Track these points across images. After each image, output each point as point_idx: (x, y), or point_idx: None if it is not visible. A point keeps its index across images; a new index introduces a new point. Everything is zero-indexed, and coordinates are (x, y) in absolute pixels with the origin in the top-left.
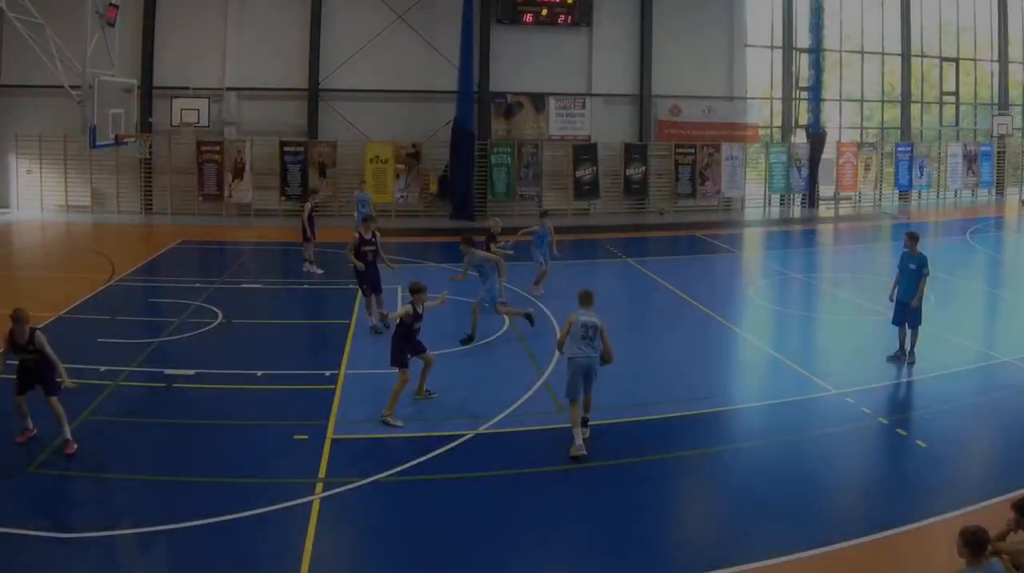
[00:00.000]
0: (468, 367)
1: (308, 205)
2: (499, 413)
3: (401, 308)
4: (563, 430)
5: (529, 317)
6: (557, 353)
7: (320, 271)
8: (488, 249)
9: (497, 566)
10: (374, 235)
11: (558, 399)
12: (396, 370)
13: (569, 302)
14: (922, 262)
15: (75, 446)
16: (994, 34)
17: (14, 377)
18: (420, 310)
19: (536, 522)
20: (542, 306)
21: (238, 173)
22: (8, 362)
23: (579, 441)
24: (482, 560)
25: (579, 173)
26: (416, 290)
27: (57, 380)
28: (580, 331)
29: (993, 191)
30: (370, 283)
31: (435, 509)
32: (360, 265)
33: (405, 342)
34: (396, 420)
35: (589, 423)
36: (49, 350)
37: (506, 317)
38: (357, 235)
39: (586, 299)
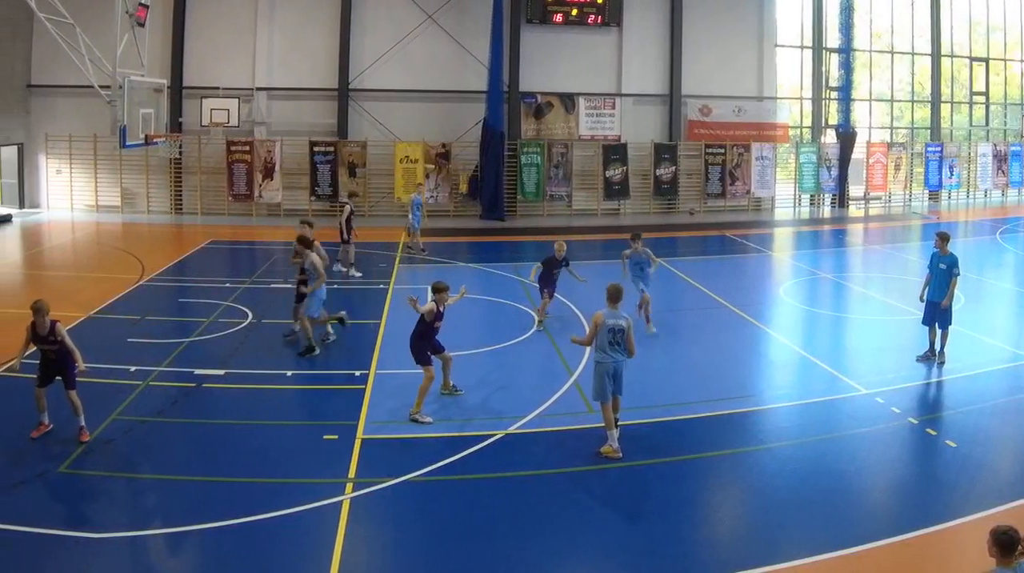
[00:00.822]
0: (498, 367)
1: (348, 207)
2: (529, 413)
3: (425, 306)
4: (593, 430)
5: (342, 320)
6: (588, 348)
7: (359, 274)
8: (550, 275)
9: (527, 566)
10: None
11: (588, 399)
12: (422, 369)
13: (595, 301)
14: (952, 262)
15: (88, 434)
16: None
17: (37, 369)
18: (442, 309)
19: (566, 522)
20: (573, 307)
21: (268, 173)
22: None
23: (615, 443)
24: (512, 560)
25: (609, 173)
26: (439, 289)
27: (75, 369)
28: (608, 337)
29: (1023, 191)
30: None
31: (465, 509)
32: None
33: (424, 341)
34: (424, 417)
35: (619, 424)
36: (69, 340)
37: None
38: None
39: (615, 296)
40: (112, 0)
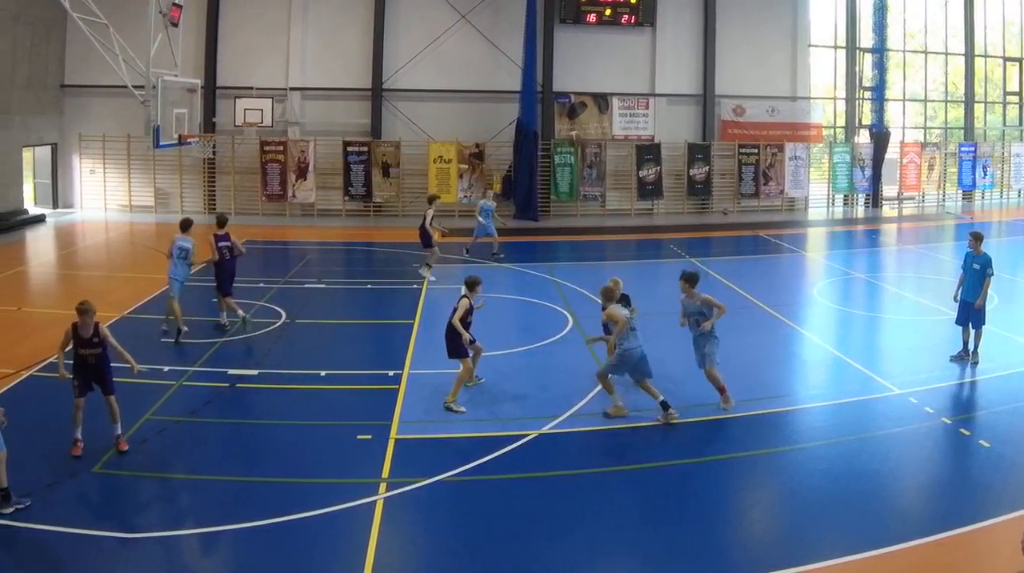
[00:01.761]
0: (531, 367)
1: (430, 212)
2: (562, 413)
3: (460, 303)
4: (626, 430)
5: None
6: (609, 355)
7: (434, 279)
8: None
9: (560, 566)
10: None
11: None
12: (458, 360)
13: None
14: (986, 262)
15: (126, 444)
16: None
17: (72, 379)
18: (475, 304)
19: (599, 522)
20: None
21: (301, 173)
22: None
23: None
24: (545, 561)
25: (642, 173)
26: (472, 284)
27: (112, 373)
28: (631, 324)
29: None
30: None
31: (498, 509)
32: None
33: (459, 334)
34: (459, 406)
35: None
36: (114, 340)
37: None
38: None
39: (618, 295)
40: (145, 0)
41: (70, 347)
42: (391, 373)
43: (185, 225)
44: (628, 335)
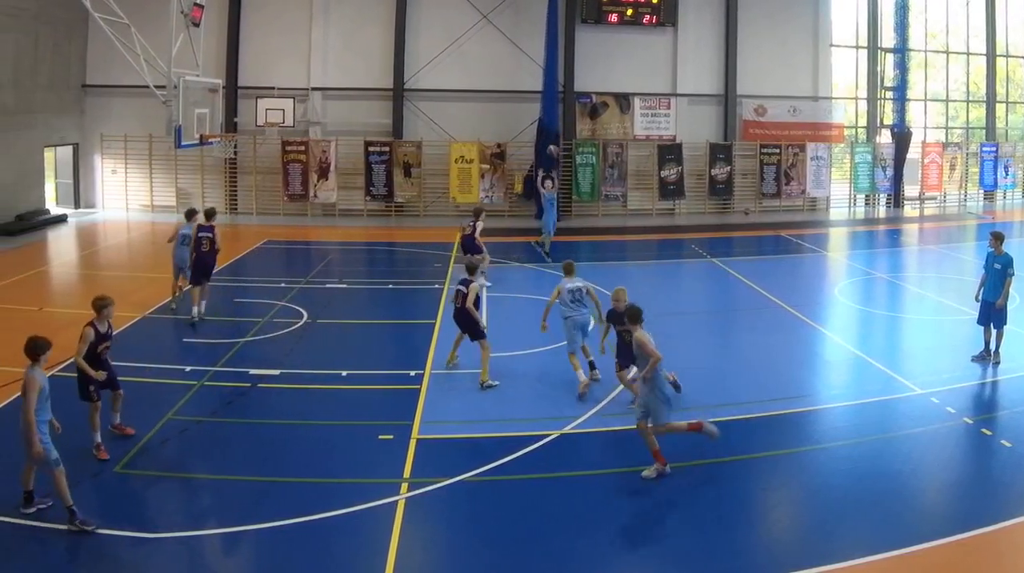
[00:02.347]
0: (552, 367)
1: (480, 224)
2: (584, 413)
3: (472, 287)
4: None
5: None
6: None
7: (489, 284)
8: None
9: (582, 566)
10: None
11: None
12: (480, 343)
13: (650, 301)
14: (1007, 262)
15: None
16: None
17: (91, 382)
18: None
19: (621, 522)
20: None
21: (323, 173)
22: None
23: (584, 378)
24: (567, 561)
25: (664, 173)
26: (471, 269)
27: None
28: (568, 297)
29: None
30: None
31: (519, 509)
32: None
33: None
34: (493, 380)
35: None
36: None
37: None
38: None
39: (569, 269)
40: (167, 0)
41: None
42: (412, 373)
43: (189, 214)
44: (566, 304)
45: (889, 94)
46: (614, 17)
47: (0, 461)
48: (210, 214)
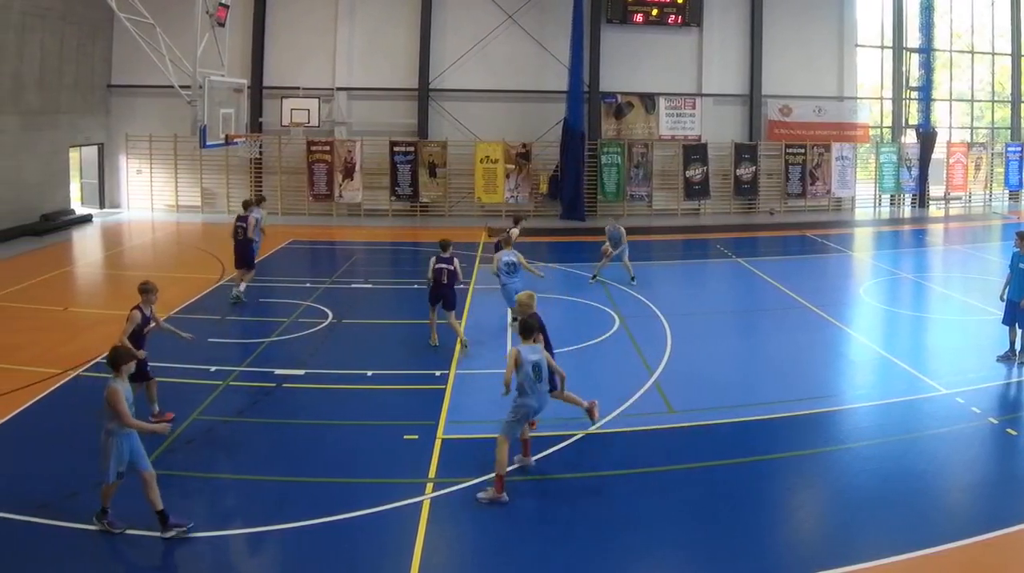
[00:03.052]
0: (578, 367)
1: (516, 230)
2: (609, 413)
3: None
4: (674, 430)
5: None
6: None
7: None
8: None
9: (607, 567)
10: None
11: (668, 400)
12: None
13: (675, 301)
14: None
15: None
16: None
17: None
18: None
19: (646, 522)
20: (653, 307)
21: (348, 173)
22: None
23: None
24: (592, 561)
25: (689, 173)
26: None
27: (184, 336)
28: (504, 268)
29: None
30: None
31: (545, 509)
32: None
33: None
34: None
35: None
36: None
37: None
38: None
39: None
40: (192, 0)
41: None
42: (438, 373)
43: (259, 200)
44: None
45: (914, 94)
46: (639, 17)
47: (27, 461)
48: (246, 204)
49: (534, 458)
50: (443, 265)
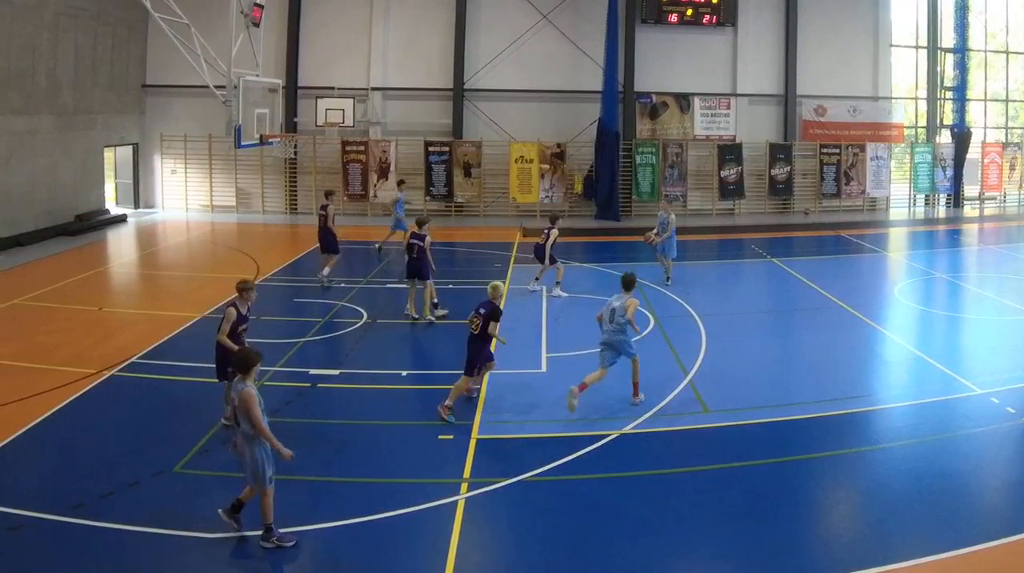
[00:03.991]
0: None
1: (554, 231)
2: (644, 413)
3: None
4: (709, 430)
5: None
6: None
7: (566, 294)
8: None
9: (641, 566)
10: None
11: (703, 400)
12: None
13: (710, 301)
14: None
15: None
16: None
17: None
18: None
19: (682, 522)
20: (688, 307)
21: (383, 173)
22: None
23: None
24: (626, 560)
25: (724, 173)
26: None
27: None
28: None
29: None
30: None
31: (580, 509)
32: None
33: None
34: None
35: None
36: None
37: None
38: None
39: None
40: (227, 0)
41: None
42: None
43: (399, 183)
44: None
45: (949, 94)
46: (674, 17)
47: (61, 461)
48: (327, 194)
49: (568, 458)
50: (415, 240)
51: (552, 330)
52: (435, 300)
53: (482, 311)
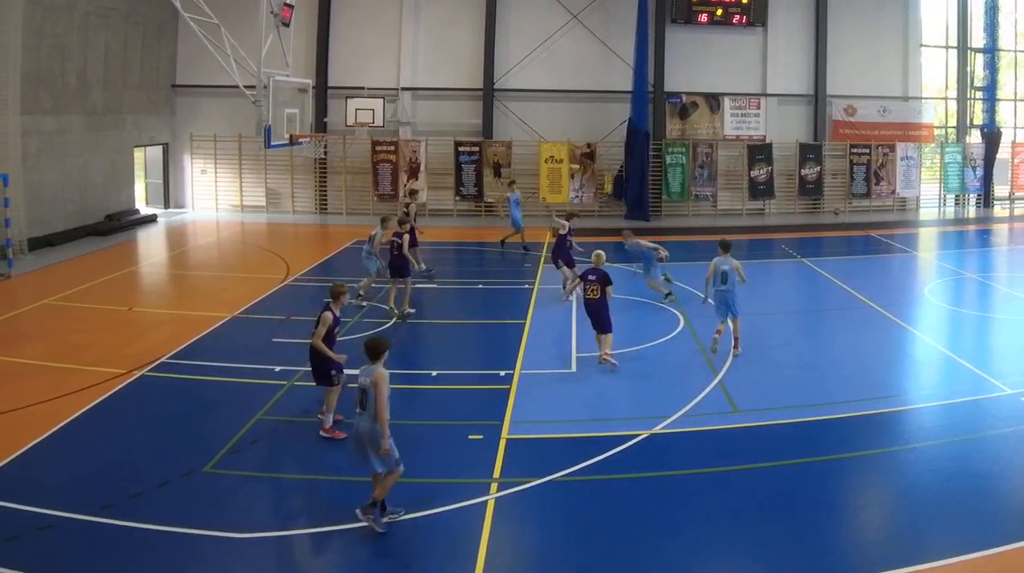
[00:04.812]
0: (642, 367)
1: (566, 232)
2: (674, 413)
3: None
4: (739, 430)
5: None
6: None
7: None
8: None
9: (671, 566)
10: None
11: (733, 400)
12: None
13: (740, 301)
14: None
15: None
16: None
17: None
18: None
19: (711, 522)
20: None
21: (413, 173)
22: None
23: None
24: (656, 560)
25: (754, 173)
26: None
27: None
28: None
29: None
30: None
31: (609, 509)
32: None
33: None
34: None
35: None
36: None
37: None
38: None
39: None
40: (257, 0)
41: None
42: (502, 373)
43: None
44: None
45: (979, 94)
46: (704, 17)
47: (91, 461)
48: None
49: (598, 458)
50: (395, 238)
51: (583, 331)
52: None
53: (592, 278)
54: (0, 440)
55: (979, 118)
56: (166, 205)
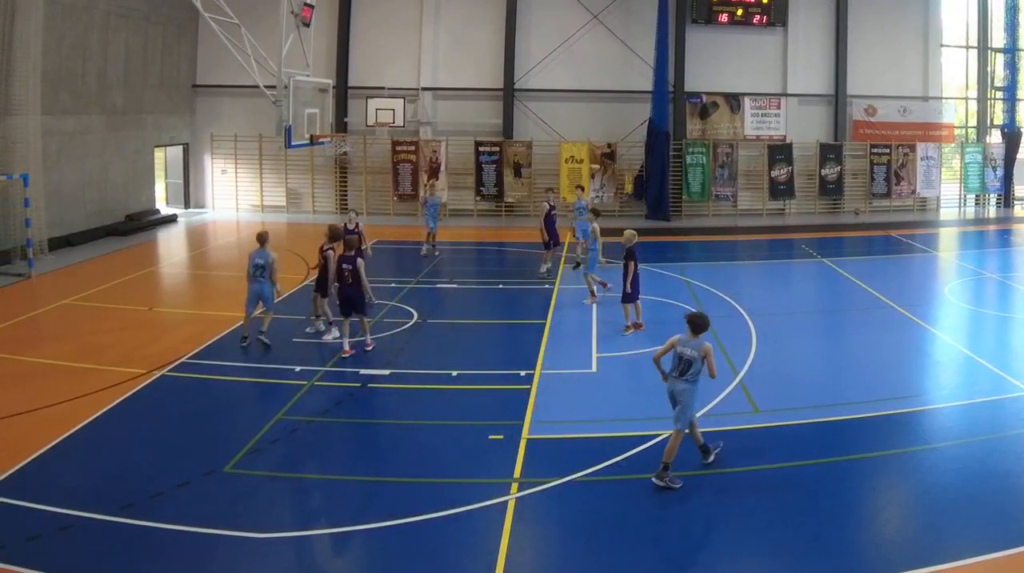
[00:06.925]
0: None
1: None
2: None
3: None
4: (759, 430)
5: None
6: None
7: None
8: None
9: (693, 566)
10: None
11: (754, 400)
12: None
13: (760, 301)
14: None
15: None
16: None
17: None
18: None
19: (733, 522)
20: (739, 307)
21: (433, 173)
22: None
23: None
24: (677, 560)
25: (774, 173)
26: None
27: None
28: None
29: None
30: None
31: (630, 509)
32: None
33: None
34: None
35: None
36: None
37: None
38: None
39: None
40: (277, 0)
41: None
42: (523, 373)
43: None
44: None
45: (999, 94)
46: (724, 17)
47: (111, 461)
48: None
49: (618, 458)
50: (322, 253)
51: (601, 332)
52: (321, 313)
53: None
54: (21, 440)
55: (999, 118)
56: (186, 205)
